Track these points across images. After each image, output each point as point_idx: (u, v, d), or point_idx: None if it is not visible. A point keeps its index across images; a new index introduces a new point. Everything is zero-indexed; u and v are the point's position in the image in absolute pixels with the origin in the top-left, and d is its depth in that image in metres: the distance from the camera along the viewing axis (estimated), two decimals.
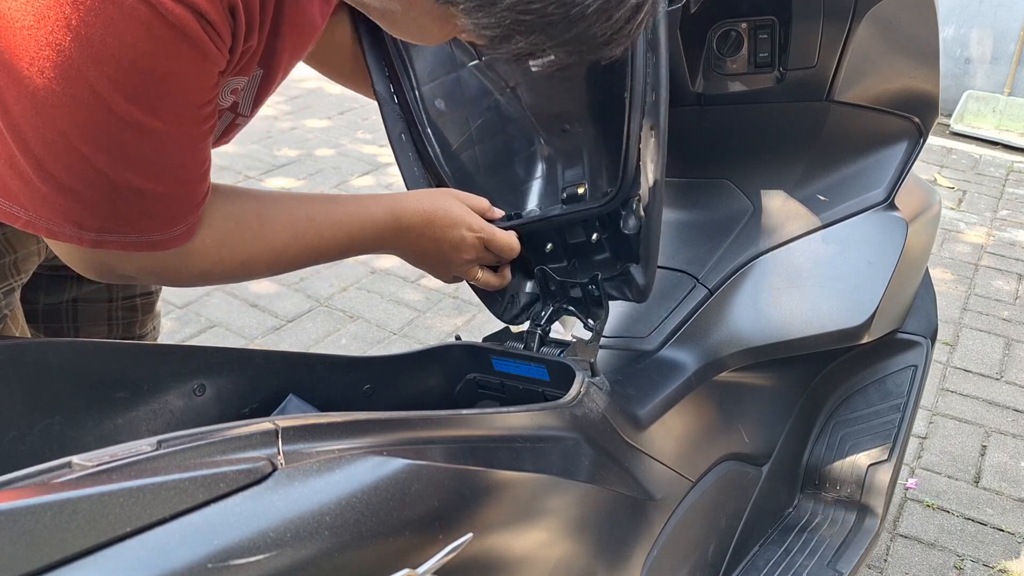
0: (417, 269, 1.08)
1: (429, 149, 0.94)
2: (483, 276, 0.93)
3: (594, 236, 0.93)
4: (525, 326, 0.96)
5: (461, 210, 0.87)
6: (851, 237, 1.11)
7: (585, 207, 0.90)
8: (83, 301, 0.97)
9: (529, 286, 0.99)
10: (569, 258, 0.96)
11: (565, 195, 0.96)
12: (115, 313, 0.99)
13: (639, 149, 0.83)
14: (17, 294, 0.85)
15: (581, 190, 0.95)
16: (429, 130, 0.94)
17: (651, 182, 0.84)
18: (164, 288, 1.02)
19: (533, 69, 0.94)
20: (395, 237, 0.83)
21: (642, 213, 0.86)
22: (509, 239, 0.90)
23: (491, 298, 0.97)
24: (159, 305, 1.07)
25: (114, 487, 0.40)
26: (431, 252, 0.87)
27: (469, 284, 0.95)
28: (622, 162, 0.84)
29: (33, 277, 0.92)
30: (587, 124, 0.97)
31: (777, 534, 1.23)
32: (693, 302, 1.12)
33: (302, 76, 4.13)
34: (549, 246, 0.96)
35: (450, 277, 0.92)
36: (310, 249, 0.77)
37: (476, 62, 0.96)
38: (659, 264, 1.17)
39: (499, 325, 0.98)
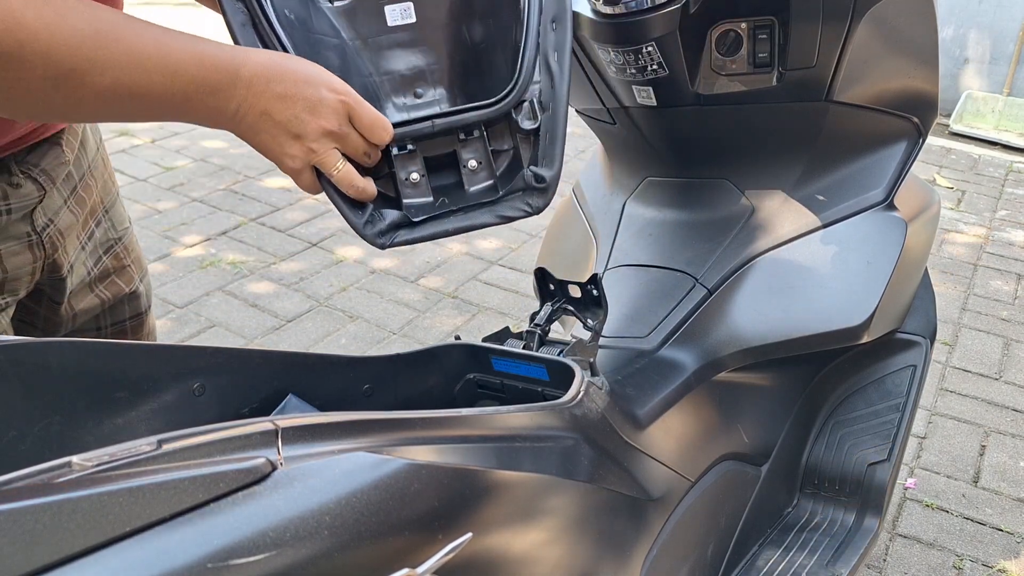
0: (417, 271, 1.03)
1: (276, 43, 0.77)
2: (344, 169, 0.73)
3: (475, 135, 0.80)
4: (525, 326, 0.95)
5: (320, 69, 0.71)
6: (850, 237, 1.11)
7: (473, 107, 0.79)
8: (75, 333, 0.96)
9: (395, 212, 0.80)
10: (443, 173, 0.83)
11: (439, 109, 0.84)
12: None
13: (538, 43, 0.78)
14: (4, 317, 0.84)
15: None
16: (279, 29, 0.78)
17: (556, 72, 0.78)
18: (164, 288, 1.01)
19: (390, 24, 0.85)
20: (231, 86, 0.66)
21: (539, 110, 0.79)
22: (379, 115, 0.73)
23: (351, 206, 0.77)
24: (151, 321, 1.06)
25: (114, 487, 0.40)
26: (277, 116, 0.69)
27: (325, 187, 0.75)
28: (520, 59, 0.78)
29: (30, 315, 0.91)
30: (444, 85, 0.88)
31: (776, 534, 1.23)
32: (692, 302, 1.12)
33: None
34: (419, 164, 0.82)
35: (299, 162, 0.72)
36: (127, 62, 0.62)
37: (330, 4, 0.85)
38: (659, 264, 1.18)
39: (499, 326, 0.97)
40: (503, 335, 0.94)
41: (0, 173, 0.81)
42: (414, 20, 0.86)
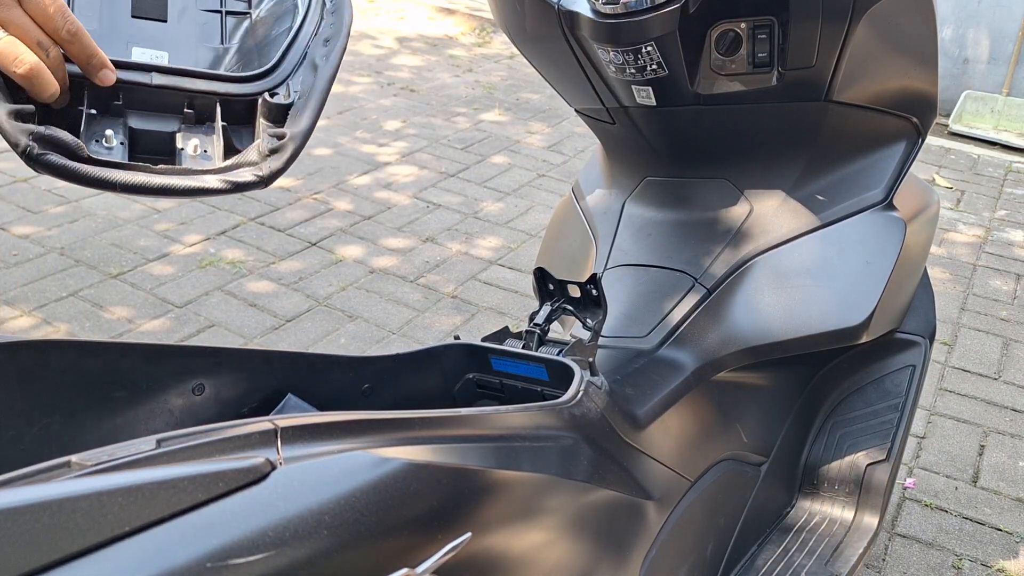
0: (417, 270, 1.01)
1: None
2: (6, 40, 0.58)
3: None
4: (524, 325, 0.95)
5: None
6: (849, 237, 1.11)
7: (212, 75, 0.68)
8: None
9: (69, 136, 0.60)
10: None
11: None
12: None
13: (306, 51, 0.72)
14: None
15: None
16: None
17: (320, 68, 0.70)
18: (163, 287, 1.00)
19: None
20: None
21: (298, 87, 0.70)
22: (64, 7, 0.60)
23: (5, 89, 0.59)
24: None
25: (113, 486, 0.40)
26: None
27: None
28: (283, 54, 0.71)
29: None
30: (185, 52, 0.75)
31: (775, 534, 1.23)
32: (692, 302, 1.12)
33: None
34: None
35: None
36: None
37: None
38: (658, 264, 1.18)
39: (499, 326, 0.97)
40: (502, 335, 0.94)
41: None
42: None
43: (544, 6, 1.05)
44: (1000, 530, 1.74)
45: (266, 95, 0.69)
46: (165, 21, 0.74)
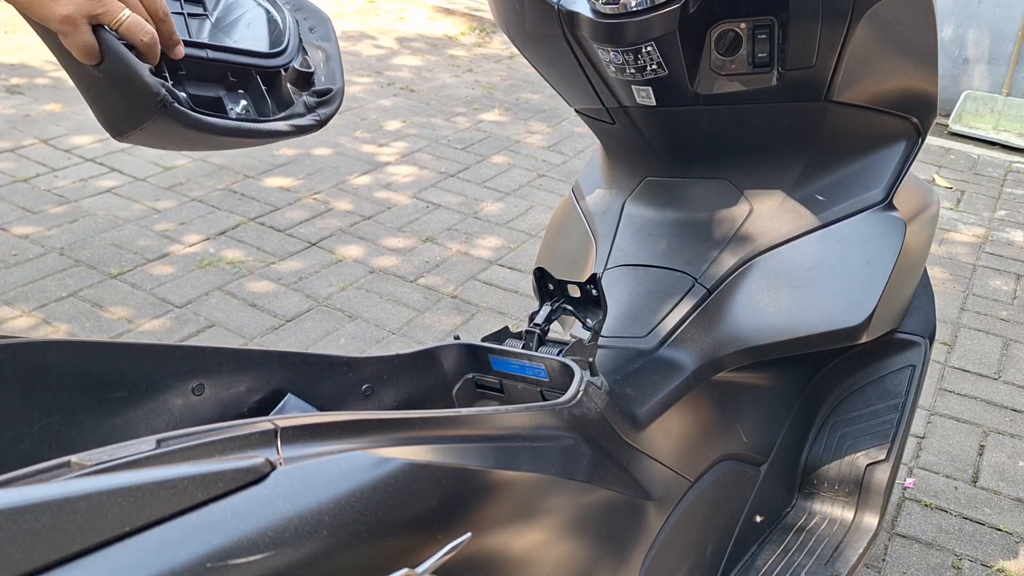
0: (416, 270, 1.01)
1: None
2: (132, 18, 0.68)
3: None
4: (524, 326, 0.96)
5: None
6: (849, 237, 1.11)
7: (251, 51, 0.83)
8: None
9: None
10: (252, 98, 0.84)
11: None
12: None
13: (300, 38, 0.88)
14: None
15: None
16: None
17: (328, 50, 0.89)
18: (163, 287, 1.00)
19: None
20: None
21: (309, 61, 0.87)
22: None
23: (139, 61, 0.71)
24: None
25: (113, 486, 0.40)
26: None
27: (108, 45, 0.69)
28: (281, 28, 0.87)
29: None
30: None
31: (775, 534, 1.23)
32: (692, 302, 1.12)
33: None
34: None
35: (74, 8, 0.64)
36: None
37: None
38: (658, 264, 1.18)
39: (499, 326, 0.97)
40: (502, 335, 0.94)
41: None
42: None
43: (544, 6, 1.05)
44: (1000, 530, 1.74)
45: (294, 64, 0.86)
46: None
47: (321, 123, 0.85)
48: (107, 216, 2.74)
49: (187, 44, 0.77)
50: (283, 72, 0.86)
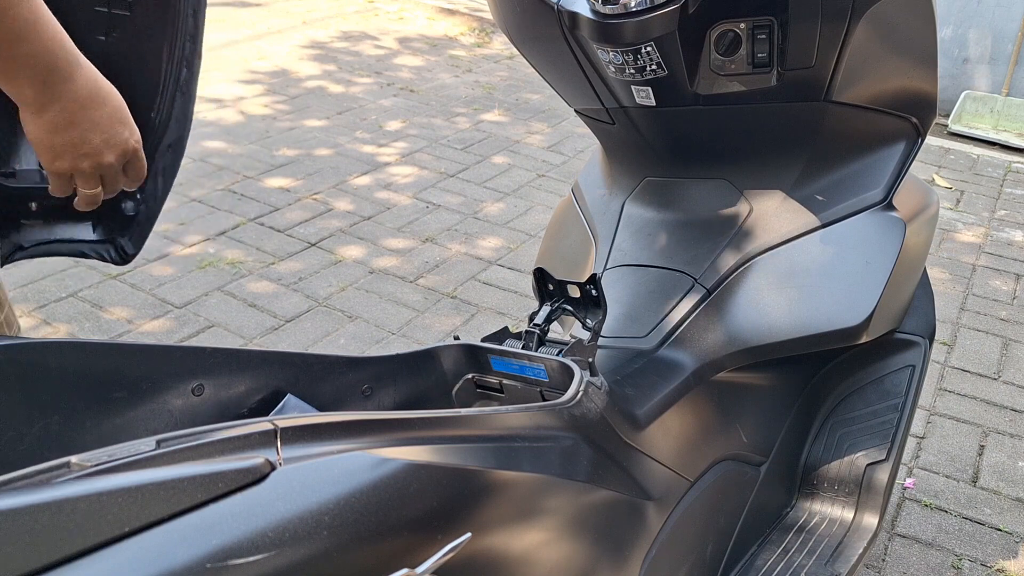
0: (416, 271, 1.02)
1: None
2: (95, 193, 0.80)
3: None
4: (524, 326, 0.96)
5: (125, 107, 0.77)
6: (849, 237, 1.11)
7: None
8: None
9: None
10: (45, 218, 0.95)
11: None
12: None
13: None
14: None
15: None
16: None
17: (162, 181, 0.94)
18: (162, 288, 1.01)
19: None
20: (62, 80, 0.70)
21: (140, 198, 0.94)
22: (145, 164, 0.82)
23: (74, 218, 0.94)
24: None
25: (113, 487, 0.40)
26: (80, 133, 0.73)
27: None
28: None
29: None
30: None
31: (775, 534, 1.23)
32: (691, 302, 1.12)
33: (302, 76, 4.13)
34: (33, 205, 0.93)
35: (67, 168, 0.76)
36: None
37: None
38: (657, 264, 1.18)
39: (499, 326, 0.97)
40: (502, 335, 0.94)
41: None
42: None
43: (544, 6, 1.05)
44: (1000, 530, 1.74)
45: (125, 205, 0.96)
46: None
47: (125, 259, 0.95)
48: None
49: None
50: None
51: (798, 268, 1.10)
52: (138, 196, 0.97)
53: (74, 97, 0.72)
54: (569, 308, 0.94)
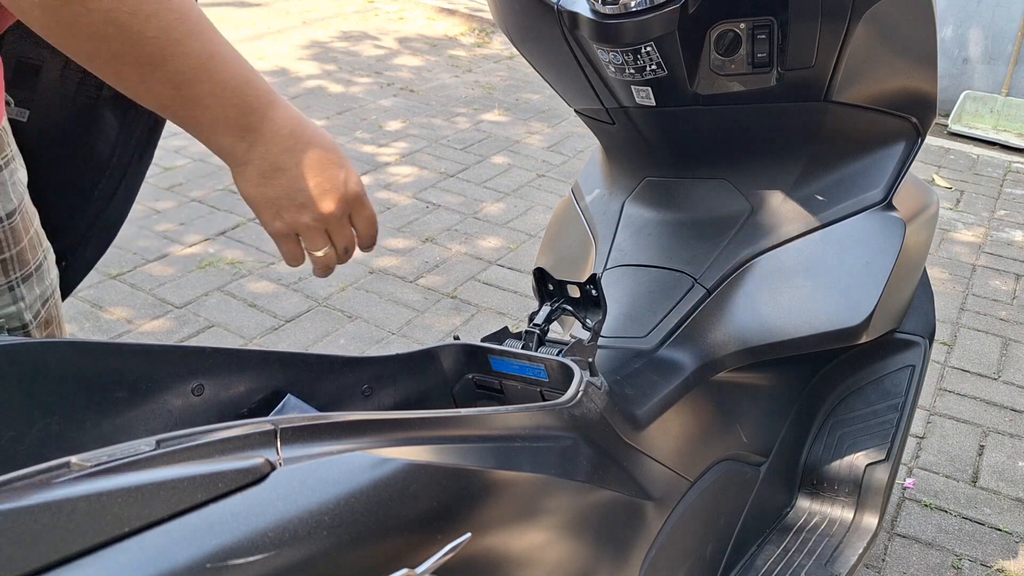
0: (416, 271, 1.00)
1: None
2: (329, 254, 0.73)
3: None
4: (524, 326, 0.96)
5: (339, 148, 0.70)
6: (849, 237, 1.11)
7: None
8: None
9: None
10: None
11: None
12: None
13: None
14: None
15: None
16: None
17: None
18: (162, 288, 1.00)
19: None
20: (263, 121, 0.63)
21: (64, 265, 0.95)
22: (375, 214, 0.74)
23: None
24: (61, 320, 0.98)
25: (112, 487, 0.40)
26: (290, 181, 0.66)
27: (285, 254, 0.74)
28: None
29: None
30: None
31: (775, 534, 1.23)
32: (691, 302, 1.12)
33: (302, 76, 4.13)
34: None
35: (287, 228, 0.70)
36: (172, 31, 0.57)
37: None
38: (657, 264, 1.18)
39: (498, 326, 0.97)
40: (502, 335, 0.94)
41: None
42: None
43: (544, 6, 1.05)
44: (1000, 530, 1.74)
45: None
46: None
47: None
48: None
49: None
50: None
51: (798, 268, 1.10)
52: (63, 263, 0.95)
53: (275, 138, 0.64)
54: (569, 308, 0.94)
